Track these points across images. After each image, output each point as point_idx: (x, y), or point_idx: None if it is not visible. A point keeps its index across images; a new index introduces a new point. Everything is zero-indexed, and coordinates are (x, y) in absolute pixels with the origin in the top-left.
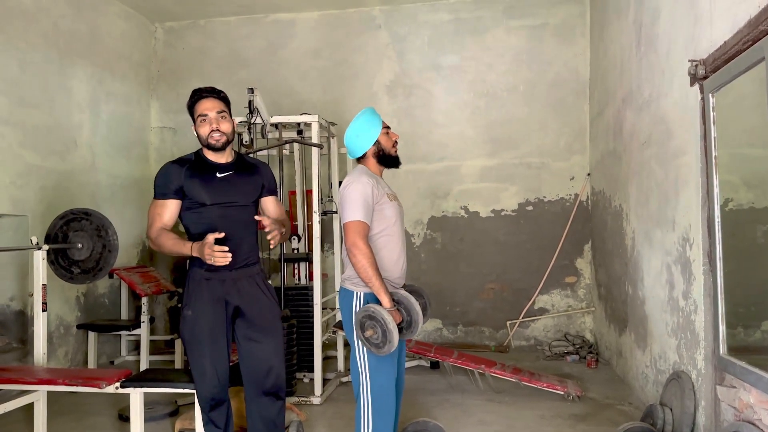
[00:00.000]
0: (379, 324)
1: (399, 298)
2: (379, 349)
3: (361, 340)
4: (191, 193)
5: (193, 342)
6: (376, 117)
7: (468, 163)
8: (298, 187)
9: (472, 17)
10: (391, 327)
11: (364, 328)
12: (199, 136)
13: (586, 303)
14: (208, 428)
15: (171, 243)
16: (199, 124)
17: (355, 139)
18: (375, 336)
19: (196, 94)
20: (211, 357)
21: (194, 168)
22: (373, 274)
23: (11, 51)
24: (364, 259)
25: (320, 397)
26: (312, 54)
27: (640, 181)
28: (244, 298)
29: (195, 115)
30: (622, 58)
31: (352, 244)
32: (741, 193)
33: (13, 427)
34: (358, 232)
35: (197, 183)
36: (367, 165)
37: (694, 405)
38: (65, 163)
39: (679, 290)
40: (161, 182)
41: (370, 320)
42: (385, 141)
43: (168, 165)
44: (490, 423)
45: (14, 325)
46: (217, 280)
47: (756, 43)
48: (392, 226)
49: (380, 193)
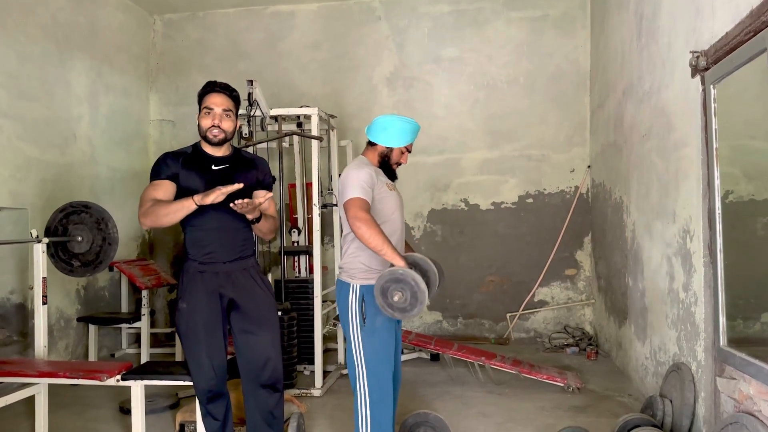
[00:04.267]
0: (408, 286)
1: (414, 260)
2: (405, 313)
3: (383, 308)
4: (186, 183)
5: (189, 335)
6: (411, 135)
7: (468, 156)
8: (298, 179)
9: (472, 9)
10: (423, 287)
11: (388, 294)
12: (200, 126)
13: (586, 295)
14: (207, 420)
15: (167, 205)
16: (202, 115)
17: (381, 129)
18: (402, 299)
19: (210, 86)
20: (207, 349)
21: (191, 160)
22: (383, 240)
23: (10, 44)
24: (370, 228)
25: (321, 389)
26: (312, 46)
27: (640, 174)
28: (239, 290)
29: (202, 105)
30: (622, 49)
31: (353, 217)
32: (741, 185)
33: (15, 419)
34: (359, 206)
35: (193, 174)
36: (370, 156)
37: (693, 396)
38: (65, 156)
39: (680, 282)
40: (156, 168)
41: (396, 283)
42: (396, 154)
43: (164, 155)
44: (491, 415)
45: (15, 318)
46: (211, 272)
47: (758, 34)
48: (391, 215)
49: (380, 183)
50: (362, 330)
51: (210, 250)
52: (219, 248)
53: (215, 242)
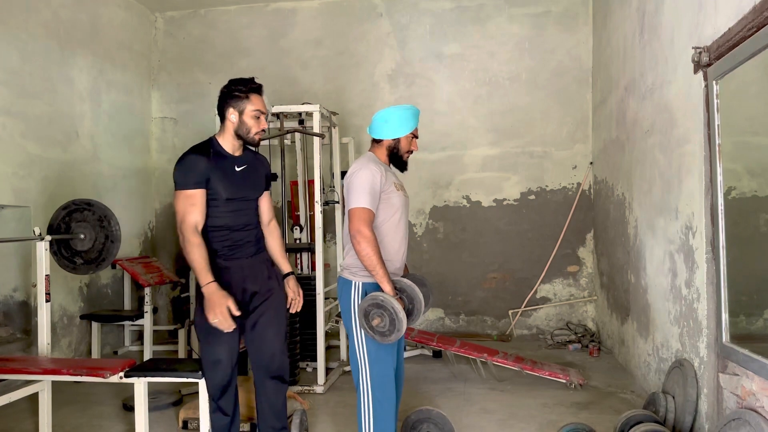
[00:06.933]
0: (387, 312)
1: (402, 286)
2: (384, 338)
3: (365, 329)
4: (214, 186)
5: (211, 330)
6: (413, 119)
7: (470, 153)
8: (300, 177)
9: (474, 5)
10: (401, 315)
11: (369, 317)
12: (245, 126)
13: (588, 292)
14: (216, 417)
15: (198, 262)
16: (250, 116)
17: (382, 123)
18: (382, 324)
19: (254, 85)
20: (228, 344)
21: (216, 160)
22: (377, 262)
23: (12, 41)
24: (369, 246)
25: (323, 386)
26: (313, 43)
27: (643, 170)
28: (260, 284)
29: (248, 106)
30: (625, 46)
31: (356, 231)
32: (744, 182)
33: (19, 416)
34: (363, 219)
35: (218, 176)
36: (378, 153)
37: (696, 393)
38: (67, 154)
39: (682, 279)
40: (189, 172)
41: (377, 308)
42: (405, 143)
43: (193, 156)
44: (493, 411)
45: (18, 315)
46: (236, 267)
47: (761, 30)
48: (397, 215)
49: (387, 182)
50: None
51: (233, 246)
52: (241, 243)
53: (237, 238)
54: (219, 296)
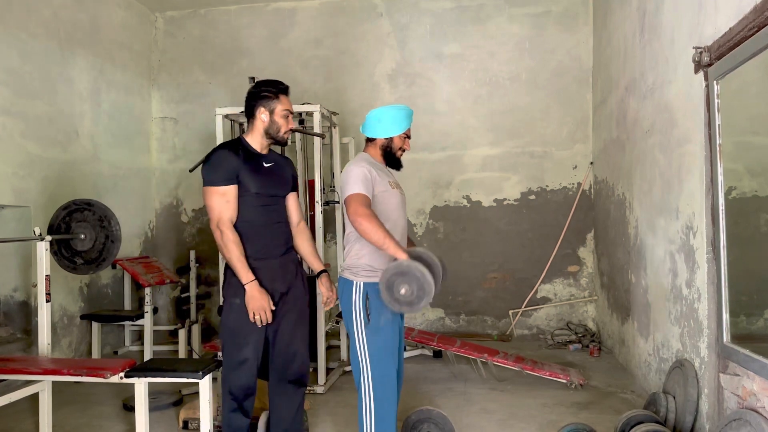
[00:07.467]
0: (414, 279)
1: (417, 254)
2: (412, 306)
3: (390, 303)
4: (244, 180)
5: (238, 330)
6: (406, 120)
7: (470, 153)
8: (300, 177)
9: (474, 5)
10: (429, 278)
11: (394, 289)
12: (275, 125)
13: (589, 292)
14: (236, 416)
15: (239, 259)
16: (280, 116)
17: (375, 122)
18: (409, 292)
19: (282, 86)
20: (254, 345)
21: (247, 157)
22: (384, 234)
23: (12, 41)
24: (371, 222)
25: (324, 386)
26: (313, 43)
27: (643, 170)
28: (289, 283)
29: (278, 105)
30: (625, 45)
31: (353, 212)
32: (745, 182)
33: (19, 416)
34: (359, 201)
35: (248, 170)
36: (371, 152)
37: (697, 393)
38: (67, 154)
39: (683, 279)
40: (220, 168)
41: (401, 277)
42: (398, 141)
43: (224, 151)
44: (493, 411)
45: (18, 315)
46: (266, 267)
47: (761, 30)
48: (394, 213)
49: (382, 181)
50: (366, 328)
51: (263, 245)
52: (271, 242)
53: (267, 236)
54: (261, 294)
